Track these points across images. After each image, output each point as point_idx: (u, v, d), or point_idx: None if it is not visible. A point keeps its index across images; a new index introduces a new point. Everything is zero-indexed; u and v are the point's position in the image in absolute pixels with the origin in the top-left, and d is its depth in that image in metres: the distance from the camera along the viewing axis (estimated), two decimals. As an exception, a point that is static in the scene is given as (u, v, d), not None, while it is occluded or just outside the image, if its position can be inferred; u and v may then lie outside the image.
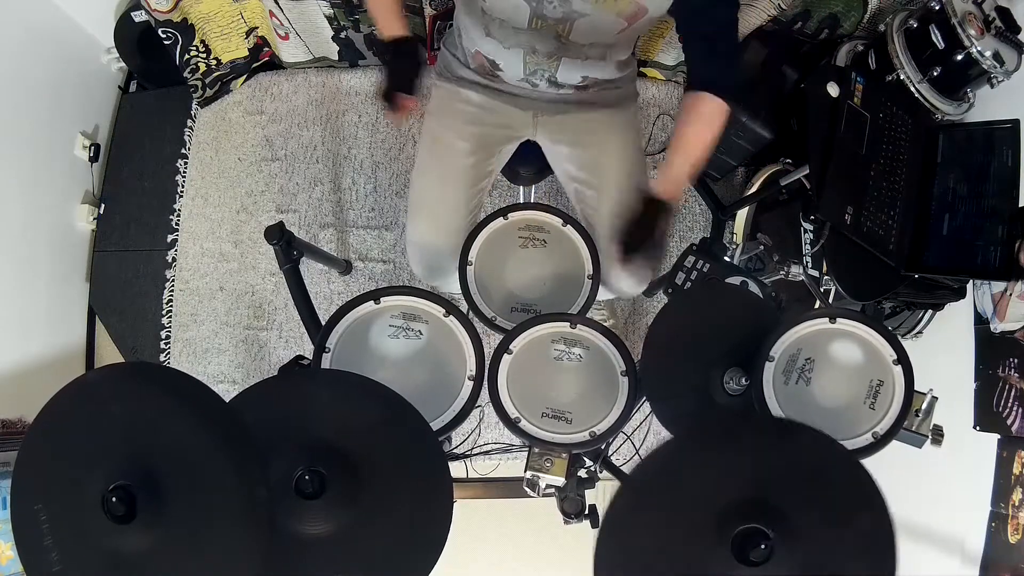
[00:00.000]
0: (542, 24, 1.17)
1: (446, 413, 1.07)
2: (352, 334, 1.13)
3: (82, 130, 2.17)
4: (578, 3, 1.10)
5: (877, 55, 1.60)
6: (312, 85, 2.26)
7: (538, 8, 1.13)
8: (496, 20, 1.19)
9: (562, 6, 1.12)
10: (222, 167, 2.25)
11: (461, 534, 0.91)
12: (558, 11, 1.13)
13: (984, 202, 1.32)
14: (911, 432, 1.03)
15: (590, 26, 1.16)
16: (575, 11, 1.12)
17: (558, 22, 1.16)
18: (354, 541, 0.83)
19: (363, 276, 2.15)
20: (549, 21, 1.16)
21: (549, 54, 1.24)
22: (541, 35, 1.20)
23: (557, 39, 1.20)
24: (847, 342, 1.06)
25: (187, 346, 2.15)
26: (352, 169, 2.21)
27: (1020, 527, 1.29)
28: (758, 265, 1.81)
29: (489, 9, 1.17)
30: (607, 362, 1.12)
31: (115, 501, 0.67)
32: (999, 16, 1.43)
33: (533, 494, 1.14)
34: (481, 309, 1.20)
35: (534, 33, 1.19)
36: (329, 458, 0.82)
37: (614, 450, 1.55)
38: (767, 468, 0.77)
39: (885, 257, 1.35)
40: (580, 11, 1.12)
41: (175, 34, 2.02)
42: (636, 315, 2.10)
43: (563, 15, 1.14)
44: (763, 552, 0.69)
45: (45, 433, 0.75)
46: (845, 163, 1.36)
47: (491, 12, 1.17)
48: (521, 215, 1.26)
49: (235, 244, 2.19)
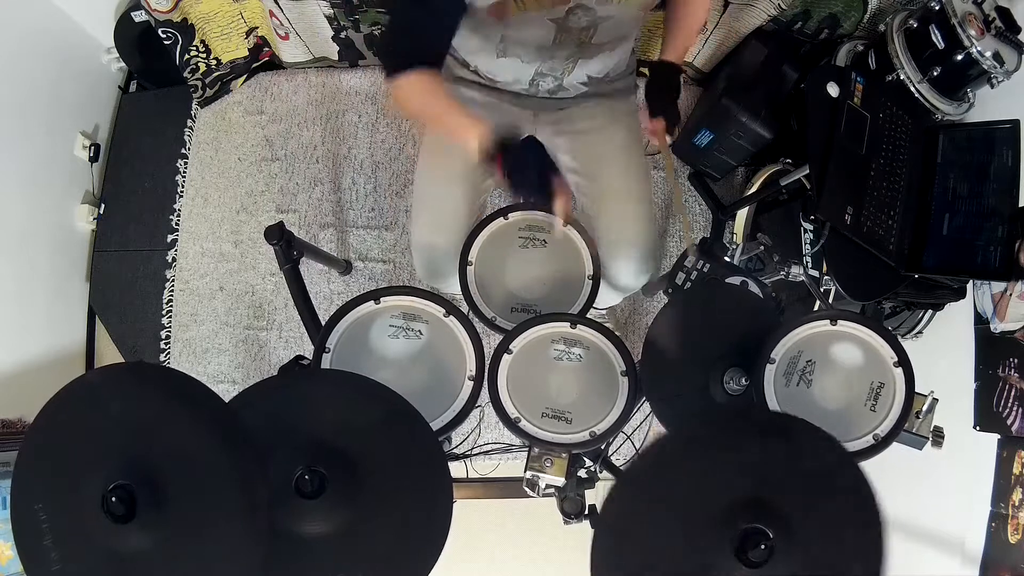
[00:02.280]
0: (565, 38, 1.17)
1: (446, 413, 1.07)
2: (352, 334, 1.13)
3: (82, 130, 2.17)
4: (603, 9, 1.10)
5: (877, 55, 1.60)
6: (312, 85, 2.26)
7: (564, 23, 1.13)
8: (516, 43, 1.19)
9: (587, 15, 1.11)
10: (222, 167, 2.25)
11: (461, 534, 0.91)
12: (583, 20, 1.13)
13: (984, 202, 1.32)
14: (911, 434, 1.03)
15: (613, 25, 1.17)
16: (600, 17, 1.13)
17: (583, 30, 1.16)
18: (354, 541, 0.83)
19: (363, 276, 2.15)
20: (573, 32, 1.16)
21: (567, 57, 1.24)
22: (563, 46, 1.20)
23: (578, 45, 1.20)
24: (848, 344, 1.06)
25: (187, 346, 2.15)
26: (352, 169, 2.21)
27: (1020, 527, 1.29)
28: (758, 265, 1.81)
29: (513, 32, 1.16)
30: (607, 362, 1.12)
31: (115, 501, 0.67)
32: (999, 16, 1.43)
33: (533, 494, 1.14)
34: (481, 309, 1.20)
35: (556, 46, 1.19)
36: (329, 458, 0.82)
37: (614, 450, 1.55)
38: (767, 467, 0.77)
39: (885, 257, 1.35)
40: (605, 15, 1.12)
41: (175, 34, 2.02)
42: (636, 315, 2.10)
43: (588, 23, 1.14)
44: (763, 552, 0.69)
45: (45, 433, 0.75)
46: (845, 163, 1.36)
47: (514, 32, 1.17)
48: (521, 215, 1.26)
49: (235, 244, 2.19)
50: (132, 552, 0.70)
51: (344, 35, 2.08)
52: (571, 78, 1.31)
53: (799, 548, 0.71)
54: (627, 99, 1.44)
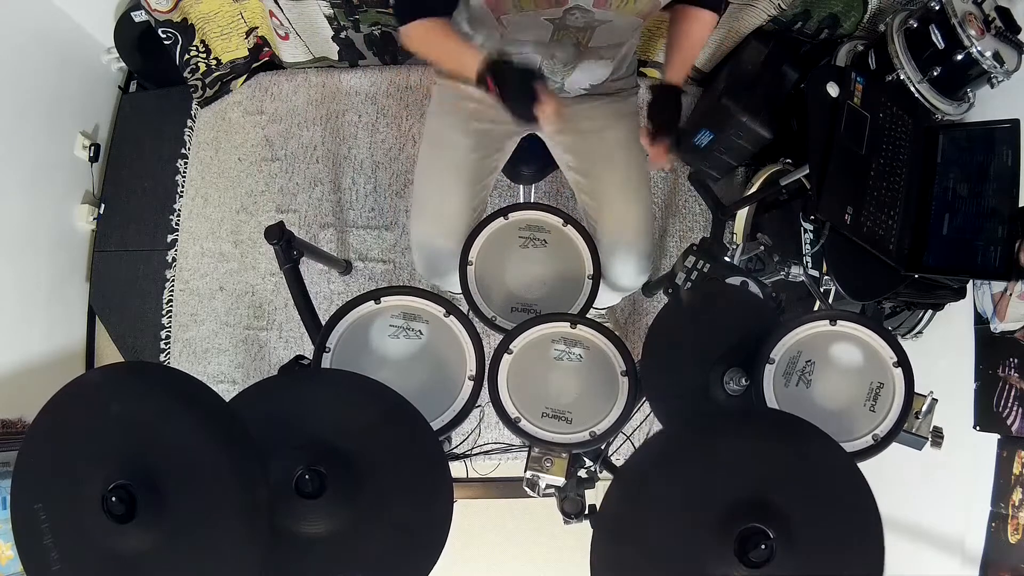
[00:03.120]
0: (563, 35, 1.18)
1: (446, 413, 1.07)
2: (352, 334, 1.13)
3: (82, 130, 2.17)
4: (600, 12, 1.11)
5: (877, 55, 1.60)
6: (312, 85, 2.26)
7: (561, 22, 1.14)
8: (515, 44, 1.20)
9: (584, 16, 1.12)
10: (222, 167, 2.25)
11: (461, 534, 0.91)
12: (580, 21, 1.14)
13: (984, 202, 1.32)
14: (911, 434, 1.03)
15: (610, 30, 1.17)
16: (597, 19, 1.13)
17: (579, 31, 1.17)
18: (354, 541, 0.83)
19: (363, 276, 2.15)
20: (571, 31, 1.16)
21: (566, 62, 1.25)
22: (561, 45, 1.20)
23: (576, 47, 1.21)
24: (847, 344, 1.06)
25: (187, 346, 2.15)
26: (352, 169, 2.21)
27: (1020, 527, 1.28)
28: (758, 265, 1.81)
29: (511, 31, 1.17)
30: (607, 362, 1.12)
31: (115, 501, 0.67)
32: (999, 16, 1.43)
33: (533, 494, 1.13)
34: (481, 309, 1.20)
35: (554, 44, 1.20)
36: (329, 458, 0.82)
37: (614, 450, 1.54)
38: (767, 467, 0.77)
39: (885, 257, 1.35)
40: (602, 18, 1.13)
41: (175, 34, 2.02)
42: (636, 315, 2.10)
43: (585, 24, 1.14)
44: (763, 552, 0.69)
45: (45, 433, 0.75)
46: (845, 163, 1.36)
47: (512, 32, 1.18)
48: (521, 215, 1.26)
49: (235, 244, 2.19)
50: (132, 552, 0.70)
51: (344, 35, 2.08)
52: (571, 80, 1.31)
53: (799, 548, 0.71)
54: (628, 99, 1.45)
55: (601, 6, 1.10)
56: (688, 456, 0.82)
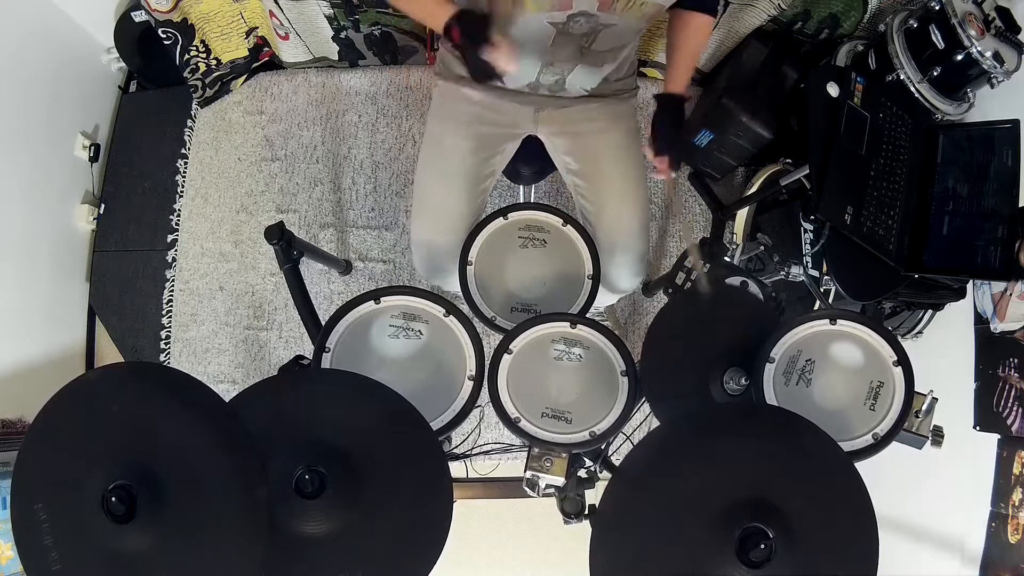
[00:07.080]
0: (565, 40, 1.17)
1: (446, 413, 1.07)
2: (352, 334, 1.13)
3: (82, 130, 2.17)
4: (604, 16, 1.10)
5: (877, 55, 1.60)
6: (312, 85, 2.26)
7: (564, 28, 1.13)
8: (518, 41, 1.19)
9: (588, 21, 1.11)
10: (222, 167, 2.25)
11: (461, 534, 0.91)
12: (584, 26, 1.13)
13: (984, 202, 1.32)
14: (911, 433, 1.03)
15: (613, 34, 1.17)
16: (601, 24, 1.13)
17: (583, 36, 1.16)
18: (354, 541, 0.83)
19: (363, 276, 2.15)
20: (574, 36, 1.16)
21: (567, 61, 1.24)
22: (563, 48, 1.20)
23: (579, 50, 1.20)
24: (847, 343, 1.06)
25: (187, 346, 2.15)
26: (352, 169, 2.21)
27: (1020, 527, 1.29)
28: (758, 265, 1.81)
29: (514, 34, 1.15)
30: (607, 362, 1.12)
31: (115, 501, 0.67)
32: (999, 16, 1.43)
33: (533, 494, 1.13)
34: (481, 309, 1.20)
35: (555, 48, 1.19)
36: (329, 458, 0.82)
37: (614, 450, 1.55)
38: (767, 467, 0.77)
39: (885, 257, 1.35)
40: (607, 22, 1.13)
41: (175, 34, 2.02)
42: (636, 315, 2.10)
43: (589, 29, 1.14)
44: (763, 552, 0.69)
45: (45, 433, 0.75)
46: (845, 163, 1.36)
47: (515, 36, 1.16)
48: (521, 215, 1.26)
49: (235, 244, 2.19)
50: (132, 552, 0.70)
51: (344, 35, 2.08)
52: (572, 79, 1.30)
53: (799, 548, 0.71)
54: (628, 100, 1.44)
55: (606, 9, 1.09)
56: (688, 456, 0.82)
